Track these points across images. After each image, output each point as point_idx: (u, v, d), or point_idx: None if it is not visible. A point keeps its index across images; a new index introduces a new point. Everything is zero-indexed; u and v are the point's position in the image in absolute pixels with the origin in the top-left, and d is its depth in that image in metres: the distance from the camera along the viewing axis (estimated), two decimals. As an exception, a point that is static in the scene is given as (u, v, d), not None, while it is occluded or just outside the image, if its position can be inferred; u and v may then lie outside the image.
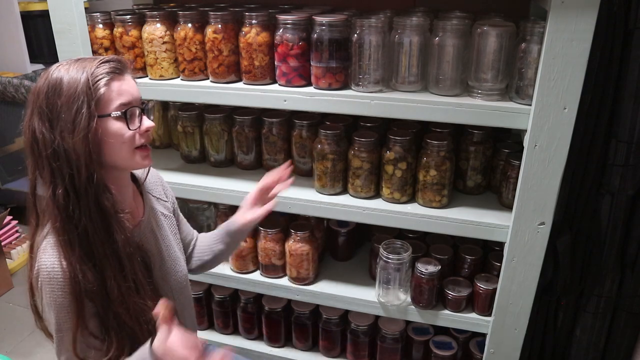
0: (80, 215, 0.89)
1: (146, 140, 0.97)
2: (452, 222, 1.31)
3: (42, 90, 0.89)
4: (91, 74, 0.88)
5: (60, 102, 0.87)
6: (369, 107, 1.23)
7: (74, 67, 0.90)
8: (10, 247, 2.72)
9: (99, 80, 0.89)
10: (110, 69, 0.91)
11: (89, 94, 0.87)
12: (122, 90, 0.92)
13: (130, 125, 0.92)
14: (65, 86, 0.88)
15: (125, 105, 0.91)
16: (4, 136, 3.07)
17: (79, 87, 0.87)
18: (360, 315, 1.60)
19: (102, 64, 0.90)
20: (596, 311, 1.42)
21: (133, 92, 0.94)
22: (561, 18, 1.00)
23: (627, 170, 1.26)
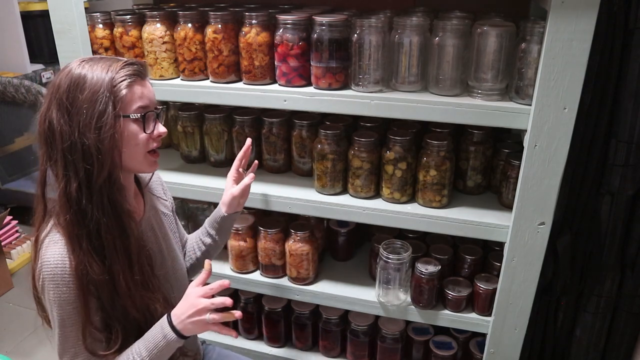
0: (93, 211, 0.91)
1: (158, 145, 0.99)
2: (452, 222, 1.31)
3: (63, 84, 0.89)
4: (116, 74, 0.90)
5: (83, 97, 0.88)
6: (369, 107, 1.23)
7: (99, 65, 0.91)
8: (10, 247, 2.72)
9: (122, 81, 0.91)
10: (133, 71, 0.93)
11: (113, 93, 0.89)
12: (142, 93, 0.94)
13: (147, 128, 0.95)
14: (88, 82, 0.89)
15: (143, 109, 0.94)
16: (4, 136, 3.07)
17: (103, 85, 0.89)
18: (360, 315, 1.60)
19: (126, 65, 0.92)
20: (596, 311, 1.42)
21: (151, 96, 0.97)
22: (561, 18, 1.00)
23: (627, 170, 1.26)
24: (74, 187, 0.89)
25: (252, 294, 1.72)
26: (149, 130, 0.95)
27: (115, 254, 0.94)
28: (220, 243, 1.29)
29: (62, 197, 0.91)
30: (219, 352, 1.37)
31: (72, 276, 0.90)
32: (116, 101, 0.89)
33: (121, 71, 0.91)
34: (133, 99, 0.92)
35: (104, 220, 0.91)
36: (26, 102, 2.66)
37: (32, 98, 2.60)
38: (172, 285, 1.12)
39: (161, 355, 0.97)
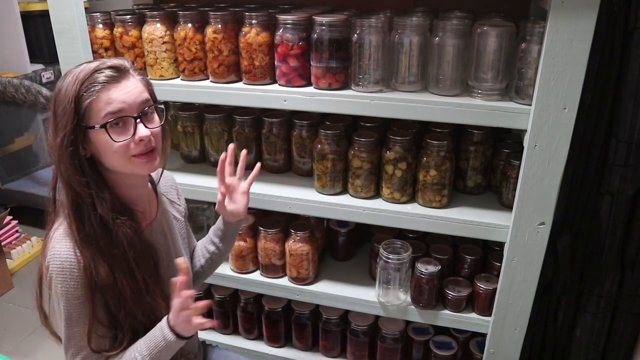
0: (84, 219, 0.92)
1: (144, 148, 0.93)
2: (452, 222, 1.31)
3: (52, 97, 0.91)
4: (83, 82, 0.87)
5: (58, 111, 0.88)
6: (369, 107, 1.23)
7: (73, 74, 0.89)
8: (10, 247, 2.72)
9: (87, 90, 0.87)
10: (105, 77, 0.88)
11: (76, 105, 0.87)
12: (110, 98, 0.88)
13: (115, 136, 0.89)
14: (61, 96, 0.88)
15: (112, 114, 0.88)
16: (4, 136, 3.07)
17: (68, 98, 0.87)
18: (360, 315, 1.60)
19: (98, 71, 0.88)
20: (596, 311, 1.42)
21: (127, 99, 0.90)
22: (561, 18, 1.00)
23: (627, 170, 1.26)
24: (71, 196, 0.92)
25: (252, 294, 1.72)
26: (120, 139, 0.90)
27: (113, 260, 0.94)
28: (224, 251, 1.27)
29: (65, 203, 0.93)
30: (218, 352, 1.37)
31: (81, 273, 0.91)
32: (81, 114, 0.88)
33: (88, 79, 0.87)
34: (99, 107, 0.88)
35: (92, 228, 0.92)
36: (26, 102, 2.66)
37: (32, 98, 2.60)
38: None
39: (161, 355, 0.97)
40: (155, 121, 0.96)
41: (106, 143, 0.90)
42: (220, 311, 1.79)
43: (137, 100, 0.92)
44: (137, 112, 0.92)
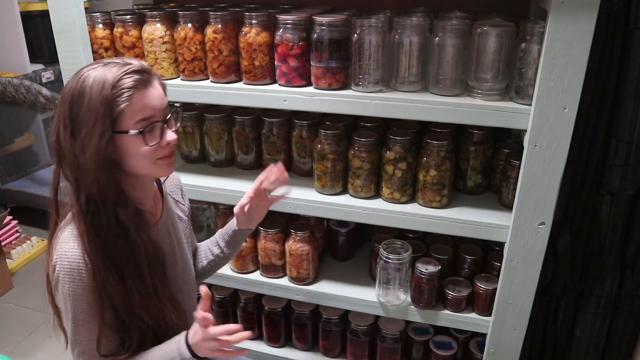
0: (101, 224, 0.90)
1: (168, 152, 0.94)
2: (452, 222, 1.31)
3: (67, 98, 0.87)
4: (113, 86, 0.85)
5: (82, 114, 0.85)
6: (369, 107, 1.23)
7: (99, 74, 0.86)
8: (10, 247, 2.72)
9: (120, 95, 0.86)
10: (134, 82, 0.87)
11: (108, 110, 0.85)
12: (144, 104, 0.88)
13: (149, 141, 0.90)
14: (87, 98, 0.85)
15: (145, 121, 0.89)
16: (4, 136, 3.07)
17: (99, 100, 0.85)
18: (360, 315, 1.60)
19: (126, 75, 0.87)
20: (596, 311, 1.42)
21: (155, 104, 0.90)
22: (561, 18, 1.00)
23: (627, 170, 1.26)
24: (83, 201, 0.90)
25: (252, 294, 1.72)
26: (152, 143, 0.90)
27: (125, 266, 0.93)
28: (228, 255, 1.25)
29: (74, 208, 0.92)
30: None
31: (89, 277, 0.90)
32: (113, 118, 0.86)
33: (120, 83, 0.86)
34: (133, 112, 0.87)
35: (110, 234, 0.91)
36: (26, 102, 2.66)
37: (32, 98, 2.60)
38: (182, 289, 1.11)
39: None
40: (174, 124, 0.97)
41: (135, 147, 0.89)
42: (220, 311, 1.79)
43: (162, 105, 0.92)
44: (163, 117, 0.93)
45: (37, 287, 2.54)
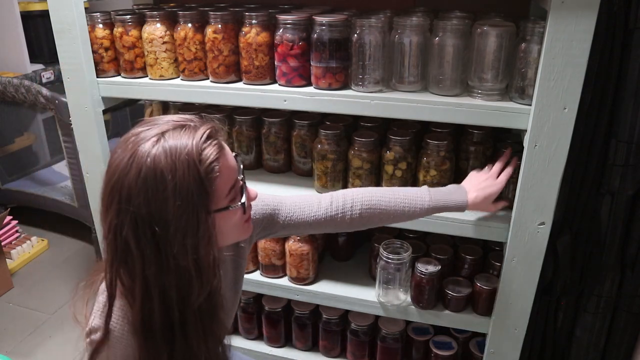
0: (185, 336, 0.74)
1: (251, 209, 0.84)
2: (452, 222, 1.31)
3: (134, 189, 0.68)
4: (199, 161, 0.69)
5: (169, 207, 0.67)
6: (369, 107, 1.23)
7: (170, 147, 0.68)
8: (10, 247, 2.72)
9: (211, 170, 0.71)
10: (215, 147, 0.72)
11: (204, 189, 0.70)
12: (230, 168, 0.75)
13: (246, 209, 0.79)
14: (170, 184, 0.67)
15: (233, 188, 0.76)
16: (4, 136, 3.07)
17: (189, 183, 0.68)
18: (360, 315, 1.60)
19: (206, 141, 0.71)
20: (596, 311, 1.42)
21: (233, 164, 0.77)
22: (561, 18, 1.00)
23: (627, 170, 1.26)
24: (157, 309, 0.71)
25: (252, 294, 1.72)
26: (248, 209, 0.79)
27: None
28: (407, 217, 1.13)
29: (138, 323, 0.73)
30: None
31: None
32: (209, 199, 0.71)
33: (204, 154, 0.70)
34: (225, 183, 0.74)
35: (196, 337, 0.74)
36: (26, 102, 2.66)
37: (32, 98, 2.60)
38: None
39: None
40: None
41: (229, 220, 0.77)
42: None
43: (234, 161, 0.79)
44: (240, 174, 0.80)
45: (37, 287, 2.55)
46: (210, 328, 0.77)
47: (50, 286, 2.55)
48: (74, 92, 1.46)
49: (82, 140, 1.52)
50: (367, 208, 1.10)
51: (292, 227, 1.09)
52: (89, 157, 1.54)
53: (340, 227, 1.12)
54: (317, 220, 1.09)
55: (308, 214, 1.09)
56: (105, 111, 1.52)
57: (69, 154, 2.61)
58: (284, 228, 1.09)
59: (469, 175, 1.25)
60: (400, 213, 1.13)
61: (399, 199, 1.13)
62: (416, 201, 1.12)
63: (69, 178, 2.72)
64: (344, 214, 1.09)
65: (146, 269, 0.70)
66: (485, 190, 1.17)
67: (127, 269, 0.72)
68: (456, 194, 1.16)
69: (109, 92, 1.47)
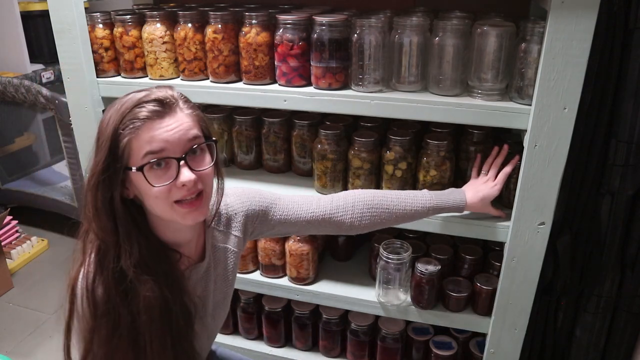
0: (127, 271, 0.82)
1: (186, 193, 0.81)
2: (452, 222, 1.31)
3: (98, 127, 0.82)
4: (122, 119, 0.78)
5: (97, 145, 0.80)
6: (369, 107, 1.23)
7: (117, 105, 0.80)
8: (10, 247, 2.72)
9: (125, 128, 0.77)
10: (146, 112, 0.78)
11: (113, 144, 0.77)
12: (153, 137, 0.78)
13: (155, 180, 0.79)
14: (102, 129, 0.80)
15: (153, 154, 0.78)
16: (4, 136, 3.07)
17: (107, 133, 0.78)
18: (360, 315, 1.60)
19: (137, 106, 0.78)
20: (596, 311, 1.42)
21: (169, 137, 0.79)
22: (561, 18, 1.00)
23: (627, 170, 1.26)
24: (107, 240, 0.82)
25: (252, 294, 1.72)
26: (159, 183, 0.79)
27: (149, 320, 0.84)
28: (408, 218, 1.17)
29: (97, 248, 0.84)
30: (220, 352, 1.37)
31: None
32: (118, 153, 0.78)
33: (129, 114, 0.77)
34: (140, 147, 0.78)
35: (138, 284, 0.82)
36: (26, 102, 2.66)
37: (32, 98, 2.60)
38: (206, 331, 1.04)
39: None
40: (205, 162, 0.84)
41: (146, 186, 0.80)
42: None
43: (182, 138, 0.80)
44: (181, 152, 0.80)
45: (37, 287, 2.55)
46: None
47: (50, 286, 2.55)
48: (74, 92, 1.46)
49: (82, 140, 1.52)
50: (368, 209, 1.11)
51: (289, 224, 1.09)
52: (89, 157, 1.53)
53: (341, 228, 1.13)
54: (315, 218, 1.09)
55: (306, 211, 1.09)
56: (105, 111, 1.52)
57: (69, 154, 2.61)
58: (280, 224, 1.08)
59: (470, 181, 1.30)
60: (402, 214, 1.14)
61: (400, 199, 1.15)
62: (417, 202, 1.16)
63: (69, 178, 2.73)
64: (344, 215, 1.10)
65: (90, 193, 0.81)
66: (483, 191, 1.22)
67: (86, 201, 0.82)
68: (454, 194, 1.21)
69: (109, 92, 1.47)
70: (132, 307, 0.84)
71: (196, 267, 0.95)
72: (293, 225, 1.09)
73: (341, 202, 1.11)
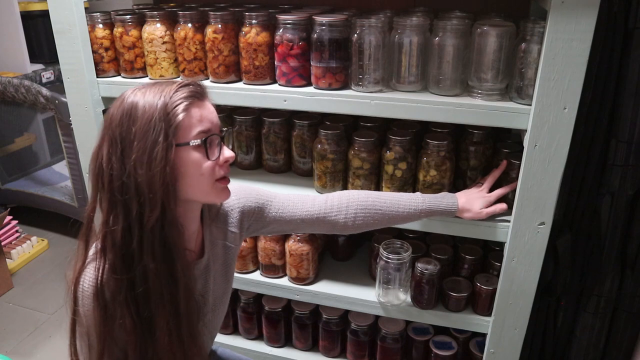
0: (142, 255, 0.82)
1: (226, 171, 0.89)
2: (452, 222, 1.31)
3: (116, 117, 0.81)
4: (170, 98, 0.81)
5: (135, 129, 0.79)
6: (369, 107, 1.23)
7: (151, 91, 0.82)
8: (10, 247, 2.72)
9: (177, 106, 0.81)
10: (189, 93, 0.83)
11: (167, 121, 0.80)
12: (202, 116, 0.84)
13: (210, 155, 0.85)
14: (140, 111, 0.80)
15: (204, 133, 0.84)
16: (4, 136, 3.07)
17: (156, 112, 0.79)
18: (360, 315, 1.60)
19: (181, 87, 0.83)
20: (596, 311, 1.42)
21: (213, 118, 0.86)
22: (561, 18, 1.00)
23: (627, 170, 1.26)
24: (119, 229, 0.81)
25: (252, 294, 1.72)
26: (213, 157, 0.85)
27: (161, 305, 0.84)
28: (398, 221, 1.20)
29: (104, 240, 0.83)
30: (220, 352, 1.37)
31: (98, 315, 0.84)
32: (171, 129, 0.80)
33: (175, 95, 0.81)
34: (191, 124, 0.82)
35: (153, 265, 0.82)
36: (26, 102, 2.66)
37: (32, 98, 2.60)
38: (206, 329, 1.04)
39: None
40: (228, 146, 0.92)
41: (194, 164, 0.83)
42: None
43: (218, 121, 0.89)
44: (220, 132, 0.88)
45: (37, 287, 2.55)
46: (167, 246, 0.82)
47: (50, 286, 2.56)
48: (74, 92, 1.46)
49: (82, 140, 1.52)
50: (361, 209, 1.15)
51: (284, 222, 1.12)
52: (89, 157, 1.53)
53: (335, 228, 1.16)
54: (310, 217, 1.13)
55: (301, 209, 1.13)
56: (105, 111, 1.52)
57: (69, 154, 2.61)
58: (275, 221, 1.12)
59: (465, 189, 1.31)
60: (394, 215, 1.17)
61: (394, 201, 1.17)
62: (409, 204, 1.17)
63: (69, 178, 2.73)
64: (338, 214, 1.14)
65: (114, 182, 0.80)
66: (476, 200, 1.23)
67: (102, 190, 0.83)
68: (447, 198, 1.22)
69: (109, 92, 1.47)
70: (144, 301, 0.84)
71: (197, 263, 0.97)
72: (288, 223, 1.13)
73: (335, 202, 1.14)
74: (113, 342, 0.86)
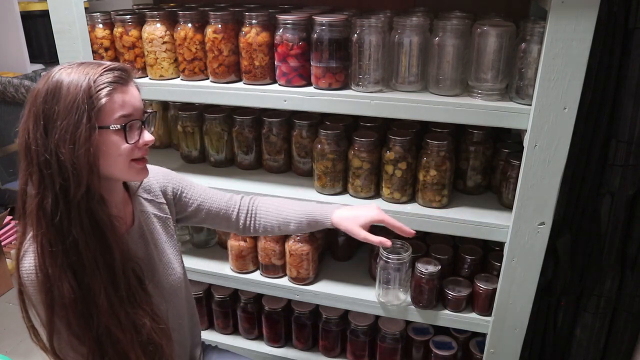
0: (70, 227, 0.86)
1: (143, 153, 0.93)
2: (452, 222, 1.31)
3: (41, 93, 0.85)
4: (94, 82, 0.84)
5: (58, 109, 0.83)
6: (369, 107, 1.23)
7: (77, 71, 0.85)
8: (10, 247, 2.72)
9: (100, 90, 0.84)
10: (114, 78, 0.86)
11: (90, 104, 0.83)
12: (124, 101, 0.87)
13: (129, 139, 0.88)
14: (64, 92, 0.83)
15: (125, 118, 0.87)
16: (4, 136, 3.07)
17: (79, 94, 0.83)
18: (360, 315, 1.60)
19: (106, 71, 0.86)
20: (596, 311, 1.42)
21: (135, 103, 0.90)
22: (561, 18, 1.00)
23: (627, 170, 1.26)
24: (49, 201, 0.85)
25: (252, 294, 1.72)
26: (132, 141, 0.89)
27: (96, 271, 0.88)
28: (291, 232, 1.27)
29: (36, 213, 0.87)
30: (219, 352, 1.37)
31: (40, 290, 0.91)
32: (94, 112, 0.83)
33: (100, 78, 0.84)
34: (113, 109, 0.86)
35: (82, 236, 0.86)
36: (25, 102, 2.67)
37: (32, 98, 2.60)
38: (163, 295, 1.08)
39: None
40: (150, 126, 0.96)
41: (113, 145, 0.87)
42: (220, 311, 1.79)
43: (141, 105, 0.92)
44: (141, 117, 0.92)
45: (37, 287, 2.55)
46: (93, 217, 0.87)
47: (50, 286, 2.55)
48: (74, 92, 1.46)
49: (82, 140, 1.52)
50: (263, 216, 1.23)
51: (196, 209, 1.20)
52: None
53: (237, 229, 1.24)
54: (217, 211, 1.21)
55: (211, 201, 1.21)
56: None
57: (69, 154, 2.61)
58: (189, 206, 1.19)
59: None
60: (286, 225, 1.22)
61: (291, 208, 1.22)
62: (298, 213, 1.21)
63: (69, 178, 2.72)
64: (240, 215, 1.23)
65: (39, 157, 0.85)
66: (358, 210, 1.21)
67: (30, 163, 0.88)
68: (325, 208, 1.22)
69: (109, 92, 1.47)
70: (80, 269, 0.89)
71: (130, 231, 1.03)
72: (198, 211, 1.20)
73: (245, 205, 1.24)
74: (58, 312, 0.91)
